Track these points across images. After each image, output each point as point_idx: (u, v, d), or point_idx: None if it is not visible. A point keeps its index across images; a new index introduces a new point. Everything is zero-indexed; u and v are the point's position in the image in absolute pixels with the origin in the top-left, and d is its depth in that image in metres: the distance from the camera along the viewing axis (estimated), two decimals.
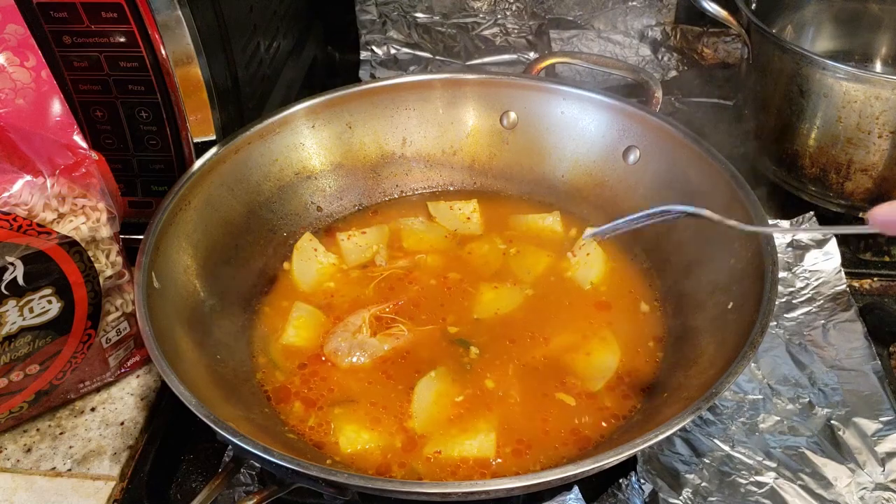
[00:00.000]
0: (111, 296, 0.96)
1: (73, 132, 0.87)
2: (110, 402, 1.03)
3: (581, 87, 1.17)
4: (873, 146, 1.15)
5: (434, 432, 0.90)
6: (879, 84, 1.11)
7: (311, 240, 1.12)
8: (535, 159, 1.21)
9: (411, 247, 1.14)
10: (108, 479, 0.94)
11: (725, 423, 0.95)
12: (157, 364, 0.80)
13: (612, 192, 1.15)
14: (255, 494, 0.78)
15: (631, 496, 0.88)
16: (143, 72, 0.99)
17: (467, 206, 1.19)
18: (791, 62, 1.18)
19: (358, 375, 0.96)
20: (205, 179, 1.03)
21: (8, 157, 0.85)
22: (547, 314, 1.03)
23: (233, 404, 0.87)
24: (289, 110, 1.13)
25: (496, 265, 1.11)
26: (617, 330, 1.01)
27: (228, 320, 1.00)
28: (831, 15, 1.45)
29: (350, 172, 1.20)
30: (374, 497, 0.83)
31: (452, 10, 1.65)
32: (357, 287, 1.08)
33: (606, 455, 0.73)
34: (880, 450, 0.92)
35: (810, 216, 1.18)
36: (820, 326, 1.07)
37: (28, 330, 0.89)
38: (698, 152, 1.04)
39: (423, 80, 1.21)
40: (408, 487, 0.74)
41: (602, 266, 1.09)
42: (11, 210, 0.82)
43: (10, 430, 0.99)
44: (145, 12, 0.93)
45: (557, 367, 0.97)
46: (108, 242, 0.93)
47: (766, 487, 0.89)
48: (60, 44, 0.97)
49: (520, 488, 0.73)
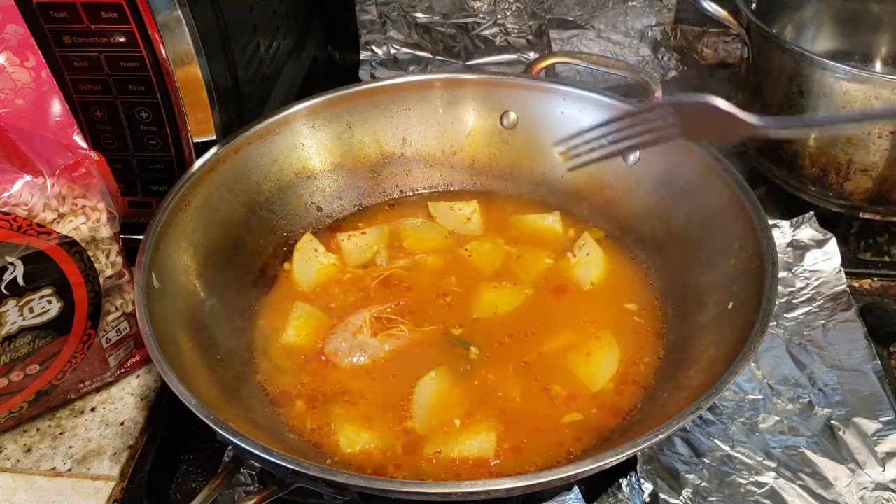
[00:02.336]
0: (111, 296, 0.96)
1: (73, 132, 0.87)
2: (110, 402, 1.03)
3: (581, 87, 1.17)
4: (873, 146, 1.15)
5: (434, 432, 0.90)
6: (879, 84, 1.11)
7: (311, 240, 1.12)
8: (535, 159, 1.21)
9: (411, 247, 1.14)
10: (108, 479, 0.94)
11: (725, 423, 0.95)
12: (157, 364, 0.80)
13: (612, 192, 1.15)
14: (255, 494, 0.78)
15: (631, 496, 0.88)
16: (143, 72, 0.99)
17: (468, 206, 1.19)
18: (791, 62, 1.18)
19: (358, 375, 0.96)
20: (205, 179, 1.03)
21: (8, 157, 0.85)
22: (547, 314, 1.03)
23: (233, 404, 0.87)
24: (289, 110, 1.13)
25: (496, 265, 1.11)
26: (617, 330, 1.01)
27: (228, 320, 1.00)
28: (831, 15, 1.45)
29: (350, 172, 1.20)
30: (374, 497, 0.83)
31: (452, 10, 1.65)
32: (357, 287, 1.08)
33: (606, 455, 0.73)
34: (880, 450, 0.92)
35: (810, 216, 1.18)
36: (820, 326, 1.07)
37: (28, 330, 0.89)
38: (698, 152, 1.04)
39: (423, 80, 1.21)
40: (408, 487, 0.74)
41: (602, 266, 1.09)
42: (11, 210, 0.83)
43: (10, 430, 0.99)
44: (145, 12, 0.93)
45: (557, 367, 0.97)
46: (108, 242, 0.93)
47: (766, 487, 0.89)
48: (60, 44, 0.97)
49: (520, 488, 0.73)
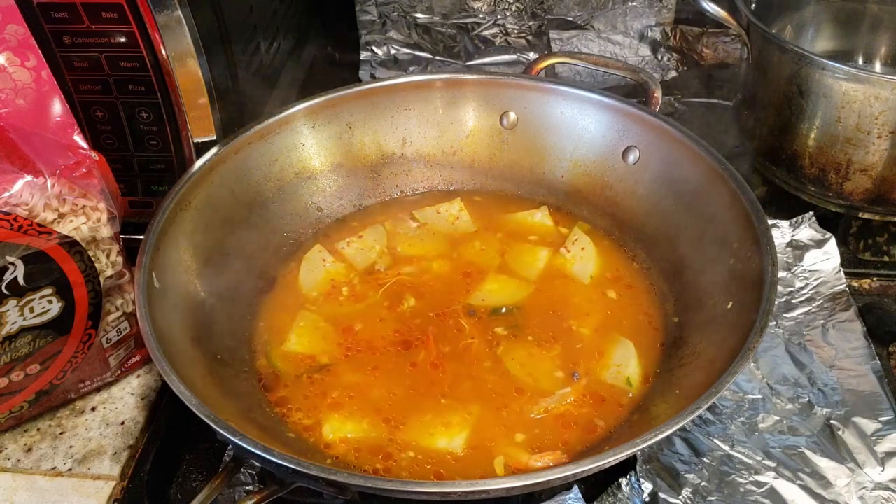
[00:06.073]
0: (111, 296, 0.96)
1: (73, 132, 0.87)
2: (111, 401, 1.03)
3: (581, 88, 1.17)
4: (873, 146, 1.15)
5: (435, 432, 0.89)
6: (879, 84, 1.11)
7: (320, 251, 1.12)
8: (535, 159, 1.21)
9: (412, 249, 1.14)
10: (108, 479, 0.94)
11: (725, 423, 0.96)
12: (158, 364, 0.80)
13: (612, 192, 1.15)
14: (255, 494, 0.78)
15: (631, 496, 0.88)
16: (143, 72, 0.99)
17: (452, 206, 1.19)
18: (791, 62, 1.18)
19: (359, 377, 0.96)
20: (205, 179, 1.03)
21: (8, 157, 0.85)
22: (547, 311, 1.04)
23: (233, 404, 0.87)
24: (289, 110, 1.13)
25: (495, 263, 1.11)
26: (617, 330, 1.01)
27: (228, 321, 1.00)
28: (831, 15, 1.46)
29: (350, 173, 1.20)
30: (373, 497, 0.83)
31: (452, 11, 1.65)
32: (363, 296, 1.07)
33: (606, 455, 0.73)
34: (880, 449, 0.92)
35: (810, 216, 1.18)
36: (819, 326, 1.07)
37: (28, 330, 0.89)
38: (698, 152, 1.04)
39: (423, 80, 1.21)
40: (408, 487, 0.74)
41: (597, 259, 1.09)
42: (12, 210, 0.83)
43: (10, 429, 0.99)
44: (145, 12, 0.94)
45: (557, 365, 0.97)
46: (109, 242, 0.93)
47: (766, 487, 0.89)
48: (61, 44, 0.97)
49: (520, 488, 0.73)
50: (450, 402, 0.93)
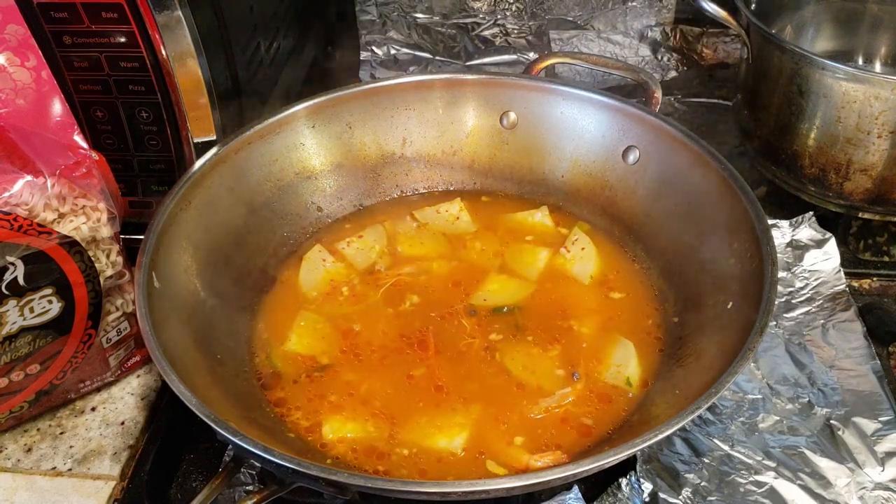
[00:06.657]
0: (111, 296, 0.96)
1: (73, 132, 0.87)
2: (111, 401, 1.03)
3: (581, 88, 1.17)
4: (872, 146, 1.15)
5: (435, 432, 0.90)
6: (879, 84, 1.11)
7: (320, 251, 1.12)
8: (535, 159, 1.21)
9: (412, 249, 1.14)
10: (108, 479, 0.94)
11: (725, 423, 0.96)
12: (158, 364, 0.80)
13: (612, 192, 1.15)
14: (255, 494, 0.78)
15: (631, 496, 0.88)
16: (143, 72, 0.99)
17: (452, 206, 1.19)
18: (791, 62, 1.18)
19: (359, 377, 0.96)
20: (205, 179, 1.03)
21: (8, 156, 0.85)
22: (547, 311, 1.04)
23: (233, 404, 0.87)
24: (289, 110, 1.13)
25: (495, 263, 1.11)
26: (617, 330, 1.01)
27: (228, 320, 1.00)
28: (831, 15, 1.46)
29: (350, 173, 1.20)
30: (373, 497, 0.83)
31: (452, 11, 1.65)
32: (362, 296, 1.07)
33: (606, 455, 0.73)
34: (880, 449, 0.92)
35: (810, 216, 1.18)
36: (819, 326, 1.07)
37: (28, 330, 0.89)
38: (698, 152, 1.04)
39: (423, 80, 1.21)
40: (408, 487, 0.74)
41: (597, 259, 1.09)
42: (12, 210, 0.83)
43: (10, 429, 0.99)
44: (145, 12, 0.94)
45: (557, 365, 0.97)
46: (109, 242, 0.93)
47: (766, 487, 0.89)
48: (61, 44, 0.97)
49: (520, 487, 0.73)
50: (450, 402, 0.93)
